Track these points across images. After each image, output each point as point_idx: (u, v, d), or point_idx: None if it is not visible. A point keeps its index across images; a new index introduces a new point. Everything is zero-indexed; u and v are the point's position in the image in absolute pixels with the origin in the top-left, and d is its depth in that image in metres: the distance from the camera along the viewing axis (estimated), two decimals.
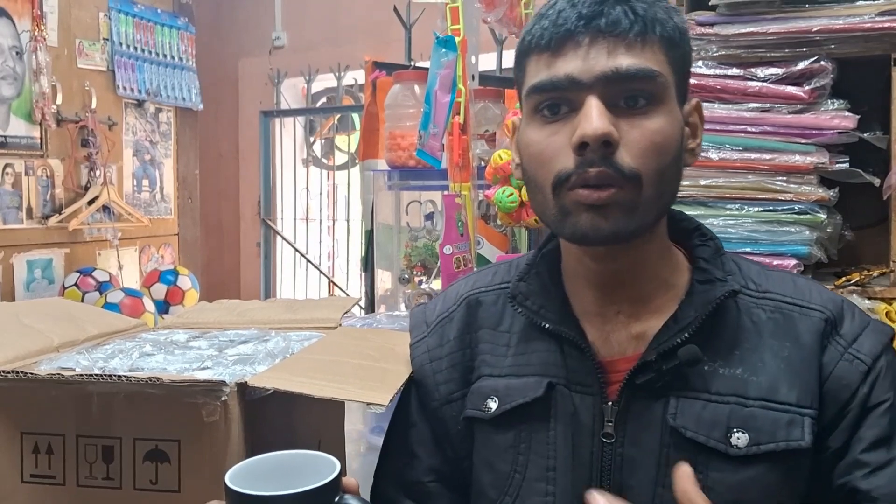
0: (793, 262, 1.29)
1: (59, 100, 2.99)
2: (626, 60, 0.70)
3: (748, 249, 1.30)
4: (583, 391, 0.77)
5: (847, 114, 1.30)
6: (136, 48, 3.41)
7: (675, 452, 0.73)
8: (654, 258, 0.79)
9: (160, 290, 3.18)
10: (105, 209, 3.18)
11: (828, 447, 0.74)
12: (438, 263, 1.77)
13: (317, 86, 4.05)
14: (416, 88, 1.78)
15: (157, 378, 0.74)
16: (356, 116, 3.88)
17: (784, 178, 1.32)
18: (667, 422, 0.74)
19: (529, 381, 0.79)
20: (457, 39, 1.53)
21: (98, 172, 3.12)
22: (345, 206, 4.10)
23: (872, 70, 1.31)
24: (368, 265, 2.10)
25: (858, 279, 1.31)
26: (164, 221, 3.65)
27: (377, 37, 3.31)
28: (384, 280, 2.06)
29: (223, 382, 0.75)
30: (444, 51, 1.53)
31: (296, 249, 4.21)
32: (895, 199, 1.29)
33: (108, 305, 2.73)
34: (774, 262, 1.28)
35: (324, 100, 4.18)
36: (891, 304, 1.27)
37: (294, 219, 4.26)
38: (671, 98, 0.73)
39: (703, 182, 1.34)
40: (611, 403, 0.76)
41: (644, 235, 0.75)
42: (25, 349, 0.88)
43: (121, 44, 3.33)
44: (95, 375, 0.77)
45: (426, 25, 1.95)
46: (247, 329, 1.05)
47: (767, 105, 1.33)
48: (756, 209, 1.33)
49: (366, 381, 0.81)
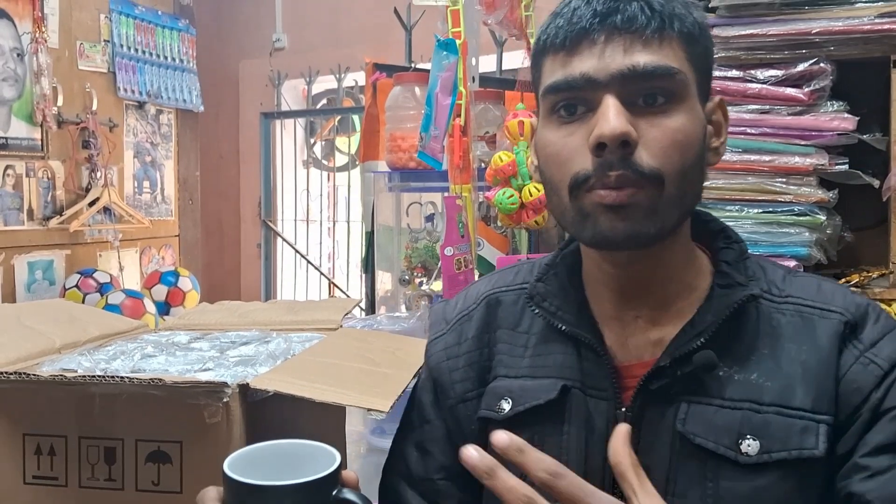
0: (792, 264, 1.29)
1: (60, 101, 2.99)
2: (644, 58, 0.68)
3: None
4: (598, 395, 0.75)
5: (846, 115, 1.30)
6: (137, 50, 3.41)
7: (684, 460, 0.71)
8: (677, 263, 0.77)
9: (161, 292, 3.18)
10: (106, 210, 3.19)
11: (837, 451, 0.70)
12: (439, 265, 1.77)
13: (317, 87, 4.05)
14: (417, 90, 1.78)
15: (160, 379, 0.75)
16: (356, 118, 3.89)
17: (784, 180, 1.32)
18: (675, 427, 0.71)
19: (544, 384, 0.78)
20: (458, 42, 1.54)
21: (99, 174, 3.12)
22: (345, 208, 4.10)
23: (872, 72, 1.31)
24: (369, 266, 2.10)
25: (858, 280, 1.32)
26: (165, 223, 3.65)
27: (377, 38, 3.31)
28: (384, 281, 2.06)
29: (225, 384, 0.75)
30: (445, 53, 1.53)
31: (296, 251, 4.21)
32: (894, 201, 1.29)
33: (109, 307, 2.73)
34: None
35: (324, 101, 4.18)
36: (890, 306, 1.27)
37: (294, 220, 4.26)
38: (692, 96, 0.71)
39: (703, 183, 1.34)
40: (625, 409, 0.74)
41: (666, 239, 0.73)
42: (27, 350, 0.89)
43: (122, 45, 3.33)
44: (97, 377, 0.78)
45: (426, 27, 1.95)
46: (248, 330, 1.05)
47: (767, 107, 1.33)
48: (756, 211, 1.33)
49: (367, 387, 0.81)
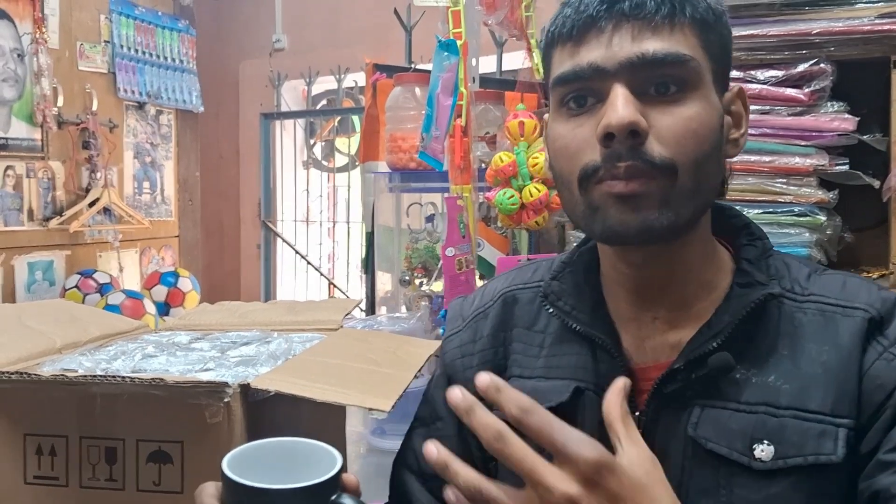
0: None
1: (60, 102, 2.99)
2: (653, 45, 0.66)
3: None
4: None
5: (847, 116, 1.30)
6: (137, 50, 3.41)
7: (697, 466, 0.68)
8: (694, 261, 0.73)
9: (161, 292, 3.18)
10: (106, 211, 3.19)
11: (860, 453, 0.67)
12: (439, 265, 1.77)
13: (317, 88, 4.05)
14: (417, 91, 1.78)
15: (161, 379, 0.75)
16: (356, 118, 3.88)
17: (784, 181, 1.32)
18: (687, 432, 0.69)
19: (557, 385, 0.76)
20: (458, 43, 1.54)
21: (99, 174, 3.12)
22: (345, 208, 4.10)
23: (872, 72, 1.31)
24: (369, 267, 2.10)
25: None
26: (165, 223, 3.65)
27: (377, 39, 3.31)
28: (384, 282, 2.06)
29: (226, 384, 0.75)
30: (447, 54, 1.53)
31: (296, 251, 4.21)
32: (895, 201, 1.29)
33: (109, 307, 2.73)
34: None
35: (324, 102, 4.18)
36: None
37: (294, 221, 4.26)
38: (706, 84, 0.68)
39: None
40: (639, 413, 0.71)
41: (682, 237, 0.70)
42: (28, 350, 0.89)
43: (122, 46, 3.33)
44: (99, 377, 0.78)
45: (426, 28, 1.95)
46: (249, 331, 1.05)
47: (767, 107, 1.33)
48: (756, 211, 1.33)
49: (368, 386, 0.81)
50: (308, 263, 4.17)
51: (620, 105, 0.65)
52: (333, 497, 0.63)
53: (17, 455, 0.80)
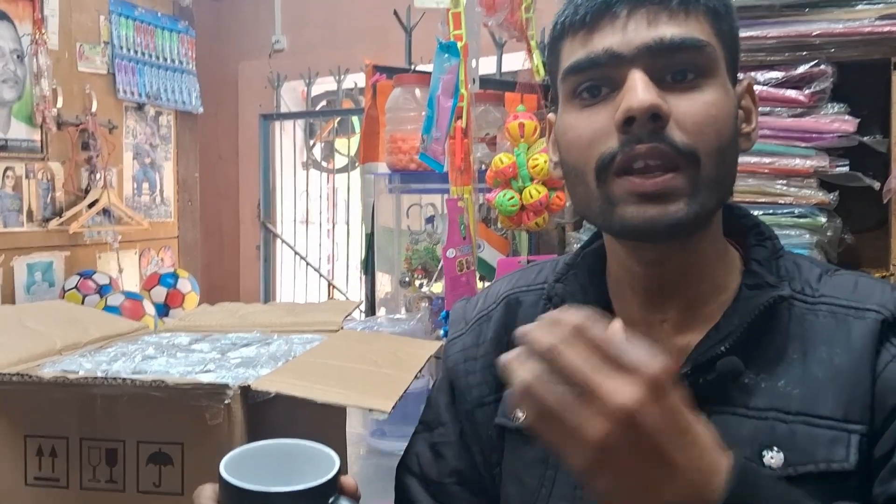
0: None
1: (60, 103, 2.99)
2: (671, 30, 0.64)
3: None
4: None
5: (847, 117, 1.30)
6: (137, 51, 3.41)
7: None
8: (708, 259, 0.71)
9: (160, 293, 3.18)
10: (105, 212, 3.18)
11: (874, 457, 0.64)
12: (439, 266, 1.78)
13: (317, 89, 4.05)
14: (417, 92, 1.78)
15: (162, 381, 0.75)
16: (356, 119, 3.88)
17: (784, 182, 1.32)
18: None
19: None
20: (459, 45, 1.54)
21: (98, 175, 3.12)
22: (345, 209, 4.10)
23: (872, 74, 1.32)
24: (369, 268, 2.10)
25: None
26: (164, 224, 3.64)
27: (377, 40, 3.32)
28: (384, 283, 2.06)
29: (226, 385, 0.75)
30: (447, 56, 1.53)
31: (295, 252, 4.21)
32: (895, 203, 1.30)
33: (109, 308, 2.73)
34: None
35: (324, 103, 4.18)
36: None
37: (294, 221, 4.26)
38: (721, 72, 0.67)
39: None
40: None
41: (699, 233, 0.68)
42: (28, 352, 0.88)
43: (121, 47, 3.33)
44: (99, 378, 0.78)
45: (426, 29, 1.96)
46: (249, 332, 1.05)
47: (767, 109, 1.34)
48: (756, 213, 1.32)
49: (368, 387, 0.81)
50: (308, 264, 4.17)
51: (641, 88, 0.63)
52: (331, 500, 0.63)
53: (18, 456, 0.80)
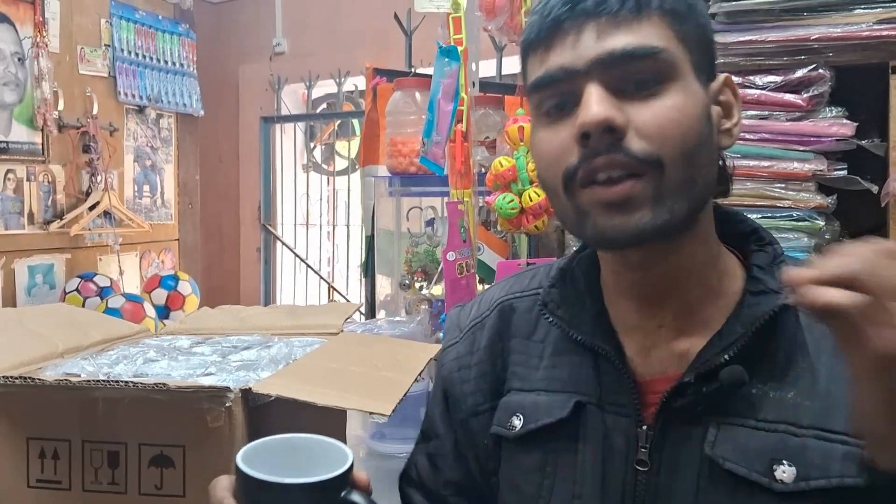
0: None
1: (61, 106, 3.00)
2: (619, 40, 0.64)
3: None
4: (617, 412, 0.70)
5: (845, 121, 1.30)
6: (138, 54, 3.42)
7: (712, 485, 0.65)
8: (697, 263, 0.70)
9: (161, 296, 3.18)
10: (106, 214, 3.19)
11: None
12: (439, 269, 1.78)
13: (317, 92, 4.06)
14: (417, 95, 1.79)
15: (163, 384, 0.75)
16: (356, 122, 3.89)
17: (782, 185, 1.33)
18: (704, 451, 0.65)
19: (557, 399, 0.73)
20: (459, 49, 1.54)
21: (99, 178, 3.12)
22: (345, 212, 4.11)
23: (870, 78, 1.32)
24: (369, 271, 2.10)
25: None
26: (165, 227, 3.65)
27: (377, 43, 3.32)
28: (384, 285, 2.07)
29: (227, 388, 0.75)
30: (447, 60, 1.54)
31: (296, 255, 4.21)
32: (893, 206, 1.30)
33: (109, 311, 2.73)
34: None
35: (324, 106, 4.18)
36: None
37: (294, 224, 4.27)
38: (685, 74, 0.66)
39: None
40: (646, 427, 0.68)
41: (681, 236, 0.68)
42: (30, 355, 0.89)
43: (122, 50, 3.34)
44: (101, 381, 0.78)
45: (426, 32, 1.96)
46: (250, 335, 1.06)
47: (766, 112, 1.34)
48: (754, 216, 1.30)
49: (368, 390, 0.81)
50: (308, 267, 4.18)
51: (594, 102, 0.63)
52: (344, 493, 0.64)
53: (21, 459, 0.80)
